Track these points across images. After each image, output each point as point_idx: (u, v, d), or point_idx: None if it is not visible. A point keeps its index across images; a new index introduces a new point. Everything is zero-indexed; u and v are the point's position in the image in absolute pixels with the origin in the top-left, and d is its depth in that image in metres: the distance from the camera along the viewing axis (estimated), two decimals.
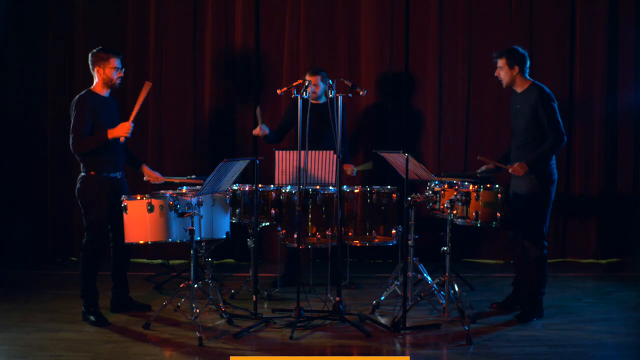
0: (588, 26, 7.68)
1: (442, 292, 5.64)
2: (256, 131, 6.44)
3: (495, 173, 5.95)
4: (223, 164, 5.06)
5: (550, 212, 5.58)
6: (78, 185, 5.41)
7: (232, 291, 6.18)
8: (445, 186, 5.60)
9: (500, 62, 5.57)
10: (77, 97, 5.39)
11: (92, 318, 5.33)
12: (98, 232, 5.39)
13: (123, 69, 5.49)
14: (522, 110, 5.53)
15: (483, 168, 5.92)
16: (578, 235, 7.83)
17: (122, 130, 5.30)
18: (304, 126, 5.35)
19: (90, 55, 5.43)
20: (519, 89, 5.61)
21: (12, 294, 6.24)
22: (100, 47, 5.46)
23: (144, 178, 5.84)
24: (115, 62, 5.39)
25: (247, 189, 6.04)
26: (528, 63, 5.59)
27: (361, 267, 7.38)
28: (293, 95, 5.33)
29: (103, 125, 5.34)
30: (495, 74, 5.66)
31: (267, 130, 6.43)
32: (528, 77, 5.60)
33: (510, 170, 5.49)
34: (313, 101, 6.38)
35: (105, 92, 5.45)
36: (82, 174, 5.40)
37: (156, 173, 5.81)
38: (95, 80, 5.44)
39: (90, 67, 5.43)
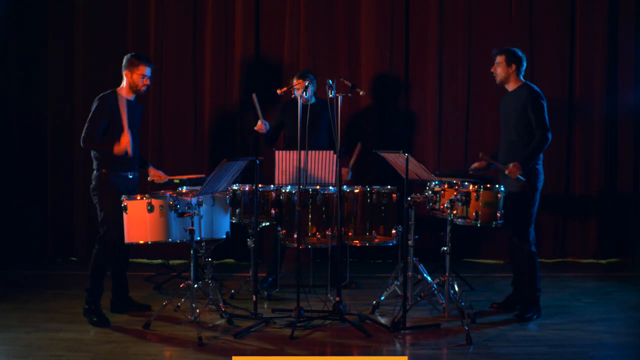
0: (588, 26, 7.69)
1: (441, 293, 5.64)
2: (258, 126, 6.36)
3: (485, 171, 6.00)
4: (223, 164, 5.07)
5: (537, 211, 5.60)
6: (92, 183, 5.47)
7: (232, 291, 6.19)
8: (445, 186, 5.61)
9: (499, 59, 5.68)
10: (100, 94, 5.48)
11: (93, 318, 5.33)
12: (110, 229, 5.41)
13: (151, 78, 5.58)
14: (512, 108, 5.62)
15: (475, 165, 5.99)
16: (578, 235, 7.83)
17: (122, 144, 5.31)
18: (303, 126, 5.35)
19: (124, 58, 5.54)
20: (510, 88, 5.72)
21: (12, 294, 6.24)
22: (134, 53, 5.60)
23: (148, 178, 5.87)
24: (144, 69, 5.49)
25: (247, 189, 6.04)
26: (524, 66, 5.70)
27: (361, 267, 7.38)
28: (293, 96, 5.33)
29: (121, 127, 5.38)
30: (492, 70, 5.75)
31: (267, 126, 6.40)
32: (522, 78, 5.69)
33: (507, 172, 5.50)
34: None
35: (130, 96, 5.54)
36: (95, 171, 5.47)
37: (159, 172, 5.84)
38: (124, 82, 5.54)
39: (122, 69, 5.53)
